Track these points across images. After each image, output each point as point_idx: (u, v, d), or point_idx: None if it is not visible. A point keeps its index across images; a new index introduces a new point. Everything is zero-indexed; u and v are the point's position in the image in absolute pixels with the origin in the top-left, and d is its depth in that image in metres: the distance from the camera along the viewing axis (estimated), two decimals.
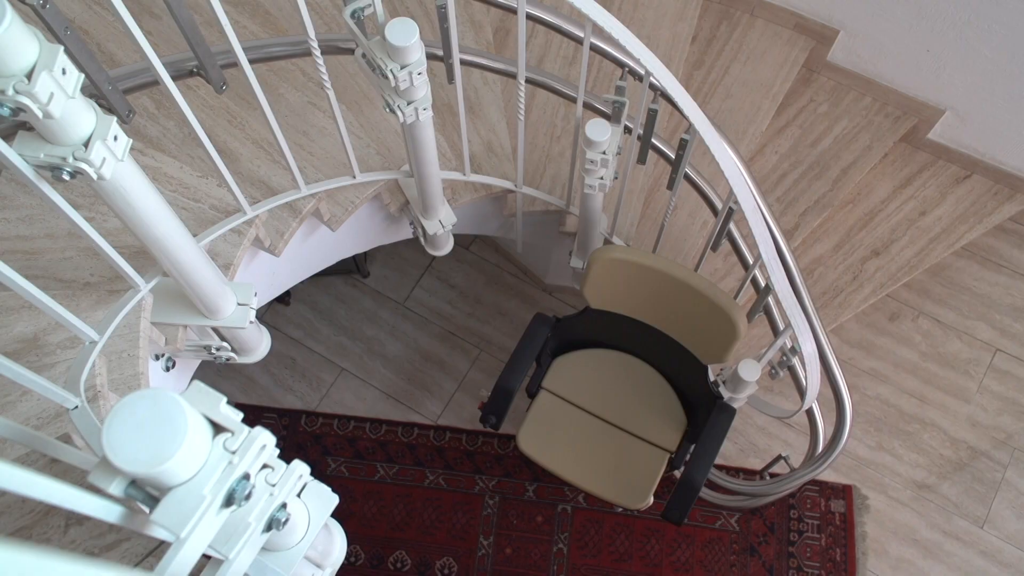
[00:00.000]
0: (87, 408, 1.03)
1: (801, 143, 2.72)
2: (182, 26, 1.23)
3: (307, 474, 0.69)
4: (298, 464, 0.67)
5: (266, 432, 0.60)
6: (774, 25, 2.71)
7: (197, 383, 0.58)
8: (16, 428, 0.62)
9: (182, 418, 0.54)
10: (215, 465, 0.56)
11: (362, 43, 1.44)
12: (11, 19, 0.73)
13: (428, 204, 1.89)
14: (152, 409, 0.53)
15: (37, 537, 0.93)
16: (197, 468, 0.56)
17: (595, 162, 1.83)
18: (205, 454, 0.56)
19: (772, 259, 1.82)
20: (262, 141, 1.76)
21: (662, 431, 2.19)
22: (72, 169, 0.87)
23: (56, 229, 1.36)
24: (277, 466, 0.66)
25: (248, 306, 1.34)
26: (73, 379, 1.08)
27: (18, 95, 0.76)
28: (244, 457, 0.57)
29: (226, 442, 0.57)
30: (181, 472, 0.55)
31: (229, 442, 0.57)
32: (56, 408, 1.07)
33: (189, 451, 0.54)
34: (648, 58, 1.59)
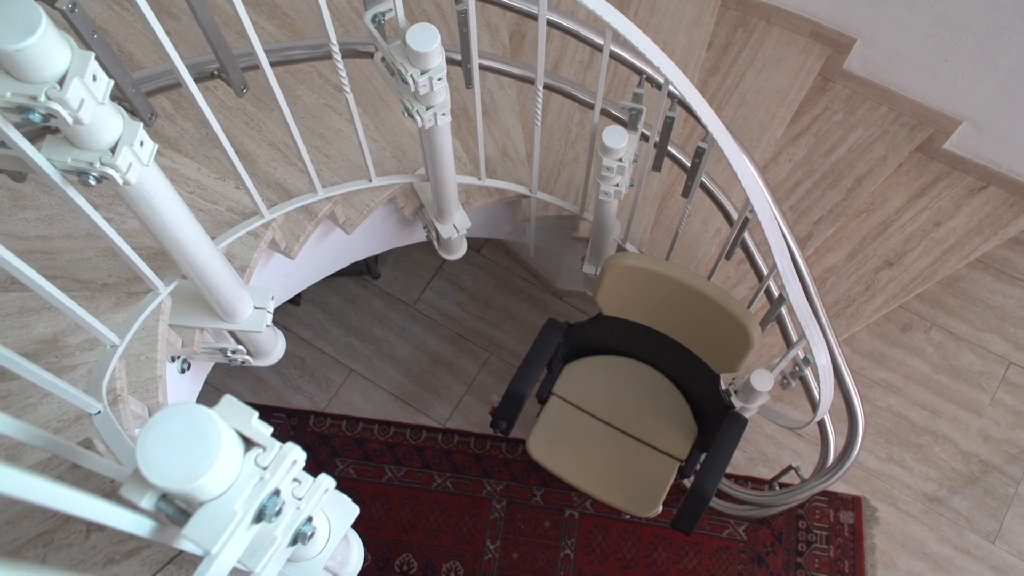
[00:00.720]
0: (110, 413, 1.03)
1: (815, 152, 2.71)
2: (205, 29, 1.22)
3: (332, 487, 0.68)
4: (324, 478, 0.67)
5: (297, 448, 0.59)
6: (790, 32, 2.70)
7: (228, 397, 0.58)
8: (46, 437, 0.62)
9: (216, 434, 0.53)
10: (246, 481, 0.56)
11: (382, 48, 1.44)
12: (46, 26, 0.73)
13: (443, 208, 1.89)
14: (186, 425, 0.53)
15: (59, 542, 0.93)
16: (229, 483, 0.56)
17: (611, 169, 1.82)
18: (237, 469, 0.56)
19: (788, 270, 1.81)
20: (279, 143, 1.76)
21: (672, 439, 2.18)
22: (99, 174, 0.87)
23: (75, 230, 1.36)
24: (304, 479, 0.65)
25: (265, 310, 1.34)
26: (95, 384, 1.08)
27: (50, 101, 0.76)
28: (275, 473, 0.57)
29: (258, 457, 0.57)
30: (213, 488, 0.55)
31: (261, 458, 0.57)
32: (77, 411, 1.07)
33: (222, 467, 0.54)
34: (668, 67, 1.58)
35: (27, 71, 0.75)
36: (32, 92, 0.76)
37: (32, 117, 0.78)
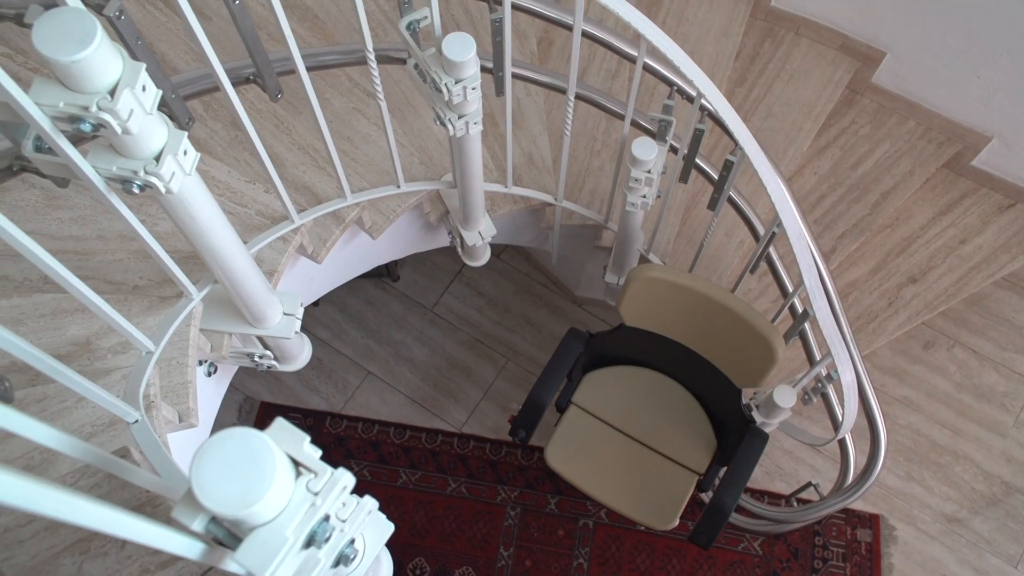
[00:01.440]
0: (147, 423, 1.03)
1: (841, 165, 2.69)
2: (243, 34, 1.22)
3: (376, 508, 0.68)
4: (368, 500, 0.66)
5: (348, 473, 0.59)
6: (819, 45, 2.68)
7: (280, 420, 0.58)
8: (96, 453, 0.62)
9: (271, 460, 0.53)
10: (298, 506, 0.56)
11: (416, 55, 1.43)
12: (101, 38, 0.72)
13: (469, 215, 1.88)
14: (241, 449, 0.53)
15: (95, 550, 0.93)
16: (280, 508, 0.55)
17: (639, 180, 1.81)
18: (289, 495, 0.55)
19: (815, 287, 1.79)
20: (308, 147, 1.76)
21: (691, 452, 2.17)
22: (142, 183, 0.87)
23: (108, 231, 1.37)
24: (348, 501, 0.65)
25: (294, 316, 1.33)
26: (132, 392, 1.08)
27: (101, 112, 0.76)
28: (327, 499, 0.56)
29: (309, 483, 0.56)
30: (266, 513, 0.54)
31: (312, 483, 0.56)
32: (111, 416, 1.07)
33: (276, 493, 0.53)
34: (701, 80, 1.57)
35: (80, 82, 0.75)
36: (84, 102, 0.76)
37: (83, 127, 0.78)
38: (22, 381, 1.11)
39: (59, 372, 0.77)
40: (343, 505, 0.64)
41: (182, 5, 0.99)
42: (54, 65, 0.73)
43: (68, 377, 0.79)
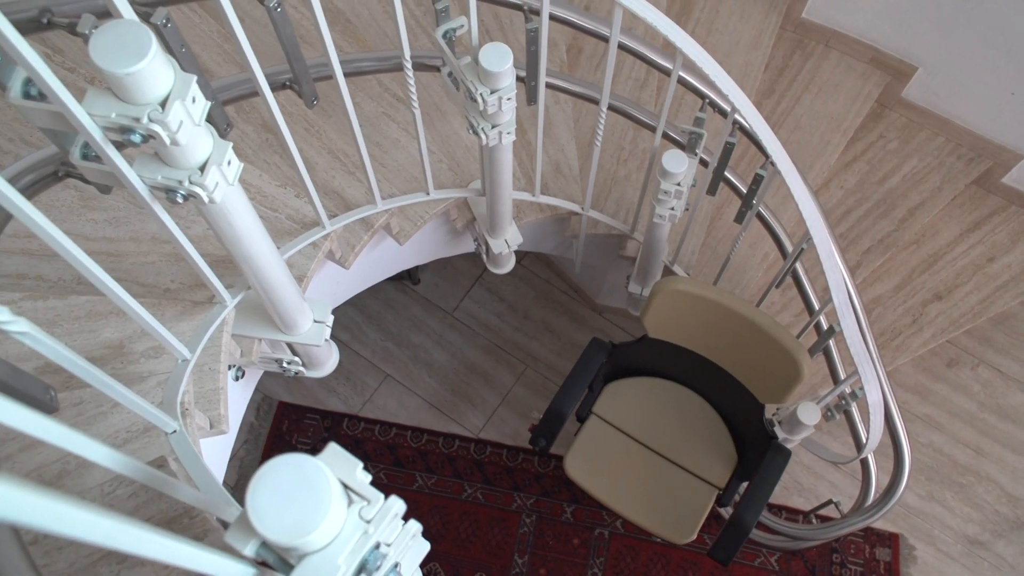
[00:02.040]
0: (185, 433, 1.03)
1: (868, 180, 2.66)
2: (284, 41, 1.22)
3: (419, 532, 0.67)
4: (413, 524, 0.66)
5: (399, 501, 0.58)
6: (849, 58, 2.65)
7: (333, 446, 0.57)
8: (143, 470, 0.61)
9: (326, 488, 0.52)
10: (350, 534, 0.55)
11: (452, 64, 1.43)
12: (155, 51, 0.72)
13: (496, 223, 1.88)
14: (297, 476, 0.52)
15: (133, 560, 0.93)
16: (333, 536, 0.55)
17: (668, 193, 1.80)
18: (342, 522, 0.55)
19: (844, 305, 1.78)
20: (338, 151, 1.76)
21: (712, 466, 2.15)
22: (186, 192, 0.87)
23: (141, 233, 1.37)
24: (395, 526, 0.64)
25: (324, 324, 1.33)
26: (169, 400, 1.08)
27: (151, 123, 0.76)
28: (379, 527, 0.56)
29: (362, 510, 0.56)
30: (319, 541, 0.54)
31: (365, 511, 0.56)
32: (146, 423, 1.07)
33: (330, 521, 0.53)
34: (737, 95, 1.56)
35: (133, 93, 0.75)
36: (136, 114, 0.75)
37: (133, 138, 0.77)
38: (57, 383, 1.11)
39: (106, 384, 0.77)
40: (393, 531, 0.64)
41: (227, 11, 0.99)
42: (108, 77, 0.73)
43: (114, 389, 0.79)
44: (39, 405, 0.71)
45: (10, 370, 0.67)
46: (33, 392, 0.70)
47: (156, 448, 1.05)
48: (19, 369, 0.69)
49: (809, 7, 2.58)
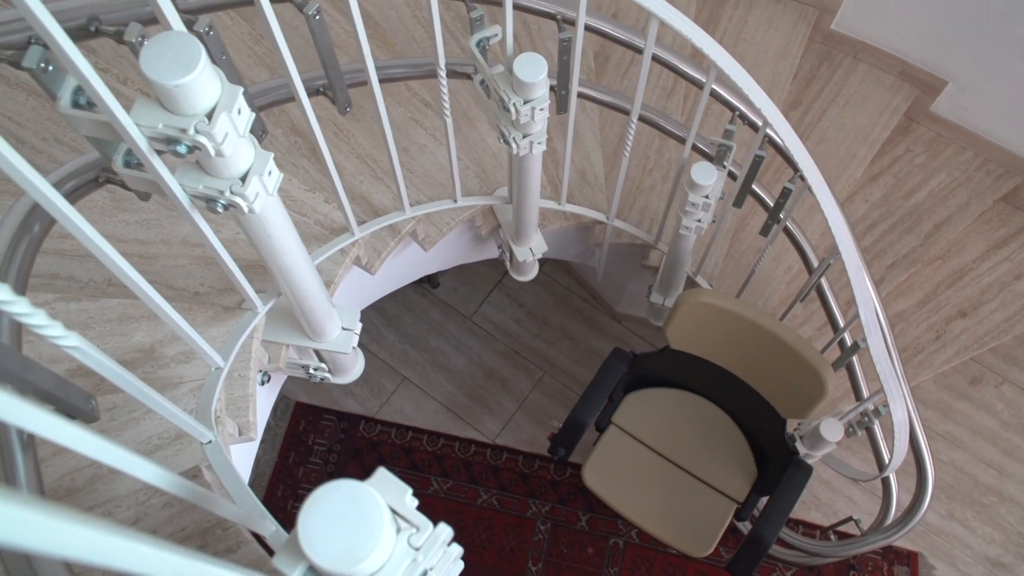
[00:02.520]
0: (219, 443, 1.03)
1: (894, 194, 2.64)
2: (320, 49, 1.22)
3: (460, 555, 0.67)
4: (456, 548, 0.65)
5: (448, 529, 0.58)
6: (877, 70, 2.63)
7: (383, 471, 0.57)
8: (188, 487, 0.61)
9: (379, 515, 0.52)
10: (399, 561, 0.55)
11: (485, 73, 1.43)
12: (204, 63, 0.72)
13: (522, 231, 1.87)
14: (349, 503, 0.52)
15: None
16: (383, 563, 0.54)
17: (696, 205, 1.79)
18: (391, 549, 0.54)
19: (871, 322, 1.76)
20: (366, 156, 1.76)
21: (731, 480, 2.14)
22: (227, 202, 0.87)
23: (172, 235, 1.37)
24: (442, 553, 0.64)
25: (352, 331, 1.33)
26: (204, 409, 1.08)
27: (198, 135, 0.76)
28: (428, 555, 0.55)
29: (411, 538, 0.55)
30: (369, 568, 0.53)
31: (414, 538, 0.55)
32: (178, 430, 1.07)
33: (382, 549, 0.52)
34: (770, 109, 1.54)
35: (180, 105, 0.74)
36: (182, 125, 0.75)
37: (179, 149, 0.77)
38: (88, 386, 1.11)
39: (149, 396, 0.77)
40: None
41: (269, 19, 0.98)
42: (157, 88, 0.73)
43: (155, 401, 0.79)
44: (80, 415, 0.71)
45: (54, 380, 0.67)
46: (75, 402, 0.70)
47: (187, 455, 1.05)
48: (62, 379, 0.69)
49: (838, 19, 2.56)
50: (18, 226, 0.84)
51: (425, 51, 2.10)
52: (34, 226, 0.86)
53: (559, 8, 1.54)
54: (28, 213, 0.86)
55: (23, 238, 0.84)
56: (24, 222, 0.85)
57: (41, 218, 0.87)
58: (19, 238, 0.84)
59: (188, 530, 0.97)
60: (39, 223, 0.86)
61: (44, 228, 0.87)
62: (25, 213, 0.85)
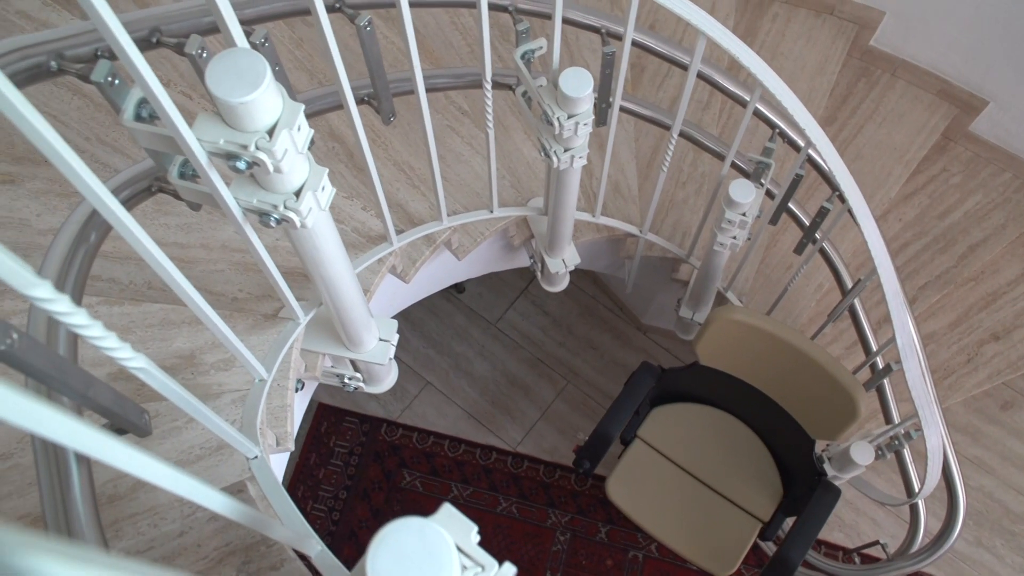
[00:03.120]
0: (265, 459, 1.03)
1: (928, 213, 2.60)
2: (369, 59, 1.22)
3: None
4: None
5: (513, 568, 0.57)
6: (915, 88, 2.60)
7: (448, 507, 0.56)
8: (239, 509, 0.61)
9: (447, 554, 0.51)
10: None
11: (529, 86, 1.42)
12: (269, 81, 0.72)
13: (556, 243, 1.86)
14: (418, 541, 0.51)
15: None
16: None
17: (733, 222, 1.77)
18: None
19: (908, 347, 1.74)
20: (403, 164, 1.75)
21: (757, 499, 2.12)
22: (280, 217, 0.87)
23: (211, 240, 1.38)
24: None
25: (389, 343, 1.33)
26: (249, 423, 1.08)
27: (258, 151, 0.75)
28: None
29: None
30: None
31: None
32: (219, 440, 1.07)
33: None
34: (815, 131, 1.53)
35: (243, 121, 0.74)
36: (243, 141, 0.75)
37: (238, 164, 0.77)
38: (128, 391, 1.12)
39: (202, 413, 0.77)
40: None
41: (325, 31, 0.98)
42: (221, 104, 0.73)
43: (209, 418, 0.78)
44: (135, 429, 0.71)
45: (112, 395, 0.67)
46: (131, 417, 0.69)
47: (229, 466, 1.05)
48: (119, 394, 0.69)
49: (878, 35, 2.53)
50: (75, 236, 0.84)
51: (462, 57, 2.09)
52: (90, 236, 0.86)
53: (604, 22, 1.53)
54: (84, 223, 0.86)
55: (80, 248, 0.84)
56: (81, 232, 0.85)
57: (97, 228, 0.87)
58: (76, 248, 0.84)
59: (232, 545, 0.97)
60: (95, 232, 0.86)
61: (100, 237, 0.87)
62: (82, 223, 0.86)
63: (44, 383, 0.58)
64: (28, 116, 0.53)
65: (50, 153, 0.57)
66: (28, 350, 0.55)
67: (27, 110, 0.52)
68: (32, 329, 0.75)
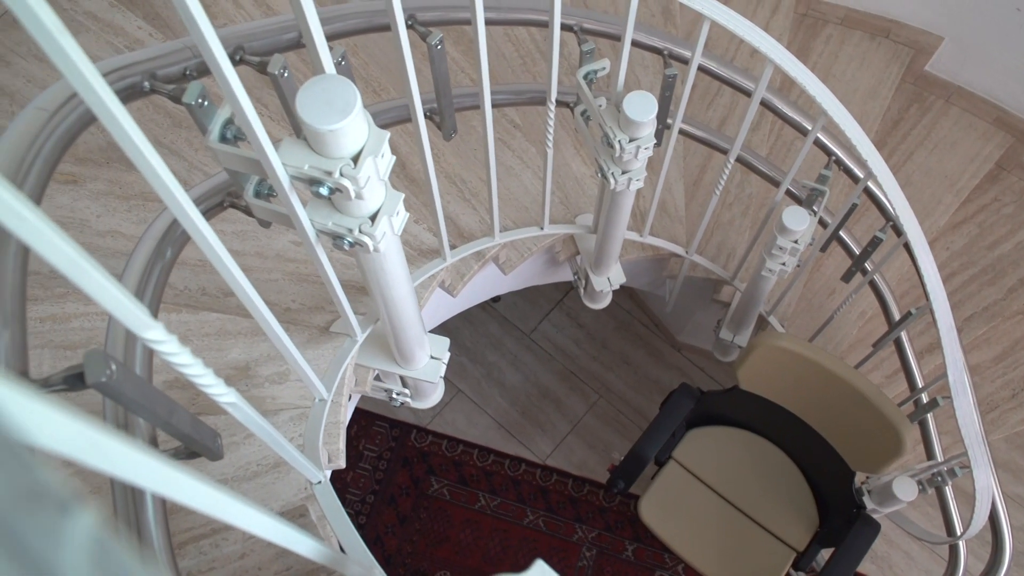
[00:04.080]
0: (329, 484, 1.03)
1: (977, 244, 2.55)
2: (437, 76, 1.21)
3: None
4: None
5: None
6: (970, 115, 2.55)
7: (541, 564, 0.55)
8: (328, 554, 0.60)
9: None
10: None
11: (592, 107, 1.40)
12: (359, 108, 0.71)
13: (602, 262, 1.85)
14: None
15: None
16: None
17: (784, 249, 1.75)
18: None
19: (959, 383, 1.70)
20: (455, 177, 1.75)
21: (791, 528, 2.09)
22: (354, 240, 0.86)
23: (267, 248, 1.38)
24: None
25: (440, 361, 1.32)
26: (311, 446, 1.07)
27: (342, 177, 0.75)
28: None
29: None
30: None
31: None
32: (276, 458, 1.07)
33: None
34: (877, 163, 1.50)
35: (329, 148, 0.74)
36: (328, 167, 0.74)
37: (320, 190, 0.76)
38: (183, 400, 1.12)
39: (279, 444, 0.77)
40: None
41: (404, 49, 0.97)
42: (309, 130, 0.72)
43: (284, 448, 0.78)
44: (208, 453, 0.70)
45: (190, 420, 0.67)
46: (206, 441, 0.69)
47: (285, 484, 1.05)
48: (196, 419, 0.69)
49: (934, 60, 2.49)
50: (152, 252, 0.84)
51: (514, 70, 2.08)
52: (166, 252, 0.86)
53: (667, 44, 1.52)
54: (161, 239, 0.86)
55: (156, 264, 0.84)
56: (157, 248, 0.85)
57: (173, 244, 0.87)
58: (152, 264, 0.84)
59: (293, 570, 0.97)
60: (171, 249, 0.86)
61: (175, 254, 0.87)
62: (158, 239, 0.86)
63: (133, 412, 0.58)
64: (132, 135, 0.52)
65: (145, 168, 0.57)
66: (124, 381, 0.55)
67: (131, 128, 0.52)
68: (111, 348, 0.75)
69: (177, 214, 0.66)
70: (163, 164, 0.59)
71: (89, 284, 0.40)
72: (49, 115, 0.67)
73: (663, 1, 2.39)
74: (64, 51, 0.42)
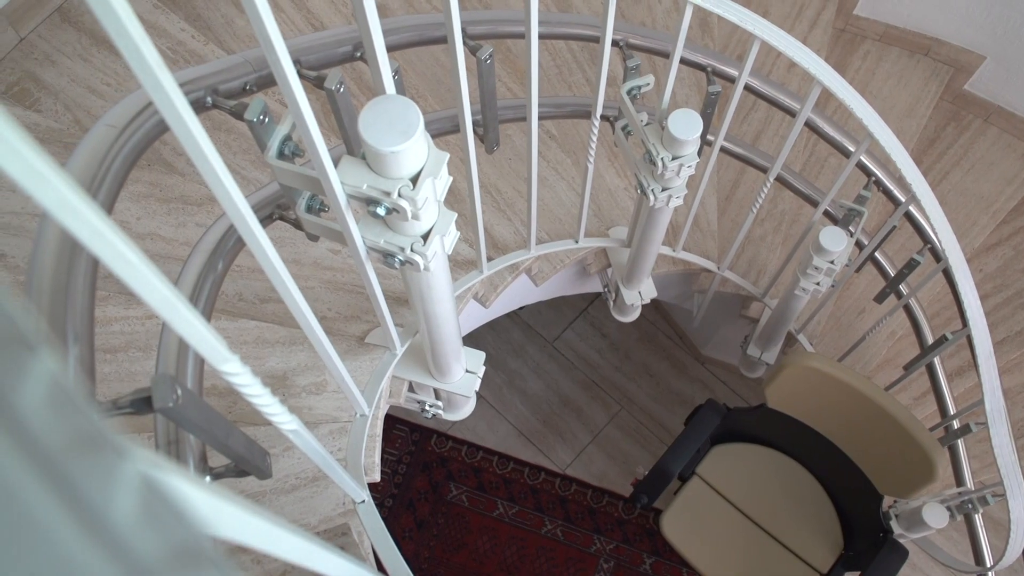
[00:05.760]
0: (372, 504, 1.02)
1: (1012, 266, 2.51)
2: (484, 90, 1.21)
3: None
4: None
5: None
6: (1008, 136, 2.51)
7: None
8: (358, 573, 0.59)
9: None
10: None
11: (635, 124, 1.39)
12: (421, 130, 0.70)
13: (634, 276, 1.83)
14: None
15: None
16: None
17: (820, 269, 1.73)
18: None
19: (997, 411, 1.68)
20: (490, 187, 1.74)
21: (815, 549, 2.06)
22: (405, 259, 0.85)
23: (303, 256, 1.37)
24: None
25: (476, 375, 1.31)
26: (354, 463, 1.07)
27: (400, 199, 0.74)
28: None
29: None
30: None
31: None
32: (315, 471, 1.07)
33: None
34: (921, 186, 1.48)
35: (389, 168, 0.73)
36: (387, 188, 0.74)
37: (378, 210, 0.76)
38: (221, 408, 1.12)
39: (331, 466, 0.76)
40: None
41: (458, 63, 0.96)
42: (370, 151, 0.72)
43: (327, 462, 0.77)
44: (258, 472, 0.70)
45: (245, 442, 0.66)
46: (257, 461, 0.69)
47: (324, 499, 1.04)
48: (250, 440, 0.68)
49: (974, 79, 2.45)
50: (204, 265, 0.84)
51: (550, 79, 2.07)
52: (217, 265, 0.86)
53: (711, 61, 1.50)
54: (212, 251, 0.85)
55: (208, 277, 0.84)
56: (209, 261, 0.85)
57: (224, 257, 0.86)
58: (205, 277, 0.84)
59: None
60: (222, 261, 0.86)
61: (226, 266, 0.87)
62: (210, 252, 0.85)
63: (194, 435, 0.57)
64: (205, 149, 0.52)
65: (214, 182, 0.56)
66: (188, 406, 0.54)
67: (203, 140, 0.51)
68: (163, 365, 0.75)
69: (238, 226, 0.66)
70: (232, 181, 0.58)
71: (176, 319, 0.40)
72: (118, 132, 0.67)
73: (700, 13, 2.37)
74: (151, 69, 0.42)
